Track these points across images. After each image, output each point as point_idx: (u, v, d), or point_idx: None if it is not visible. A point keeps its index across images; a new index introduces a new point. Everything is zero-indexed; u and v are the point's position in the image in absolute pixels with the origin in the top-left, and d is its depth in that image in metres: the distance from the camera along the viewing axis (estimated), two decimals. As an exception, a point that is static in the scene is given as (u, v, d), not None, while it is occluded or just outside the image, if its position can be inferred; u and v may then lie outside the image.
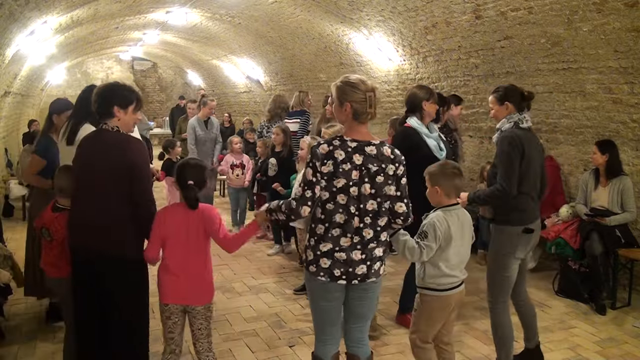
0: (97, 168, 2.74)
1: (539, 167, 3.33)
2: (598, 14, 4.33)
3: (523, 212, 3.26)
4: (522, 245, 3.27)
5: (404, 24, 6.44)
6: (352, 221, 2.50)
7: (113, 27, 10.12)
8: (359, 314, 2.68)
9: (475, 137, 6.80)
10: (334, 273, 2.53)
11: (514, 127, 3.26)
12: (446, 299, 2.86)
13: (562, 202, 5.37)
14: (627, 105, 4.72)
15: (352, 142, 2.52)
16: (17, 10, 5.06)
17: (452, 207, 2.89)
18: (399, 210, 2.57)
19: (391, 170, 2.53)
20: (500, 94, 3.34)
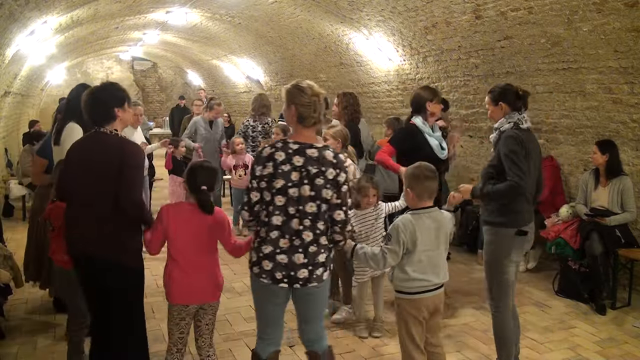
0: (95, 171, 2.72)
1: (537, 169, 3.30)
2: (598, 14, 4.33)
3: (518, 214, 3.19)
4: (517, 247, 3.24)
5: (404, 24, 6.44)
6: (291, 223, 2.52)
7: (113, 27, 10.12)
8: (307, 317, 2.71)
9: (475, 137, 6.80)
10: (275, 276, 2.55)
11: (514, 128, 3.21)
12: (418, 302, 2.82)
13: (562, 202, 5.37)
14: (627, 105, 4.72)
15: (294, 145, 2.55)
16: (17, 10, 5.06)
17: (423, 210, 2.85)
18: (337, 218, 2.57)
19: (331, 174, 2.52)
20: (494, 94, 3.31)
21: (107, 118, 2.80)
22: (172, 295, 2.83)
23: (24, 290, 4.50)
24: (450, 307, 4.62)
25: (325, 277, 2.63)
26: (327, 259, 2.62)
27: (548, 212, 5.34)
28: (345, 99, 5.41)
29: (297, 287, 2.57)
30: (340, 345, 3.88)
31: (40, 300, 4.53)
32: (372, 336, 4.00)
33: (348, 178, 2.61)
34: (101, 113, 2.80)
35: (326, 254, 2.61)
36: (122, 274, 2.74)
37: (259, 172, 2.54)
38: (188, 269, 2.80)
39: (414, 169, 2.90)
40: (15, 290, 4.33)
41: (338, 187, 2.54)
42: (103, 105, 2.80)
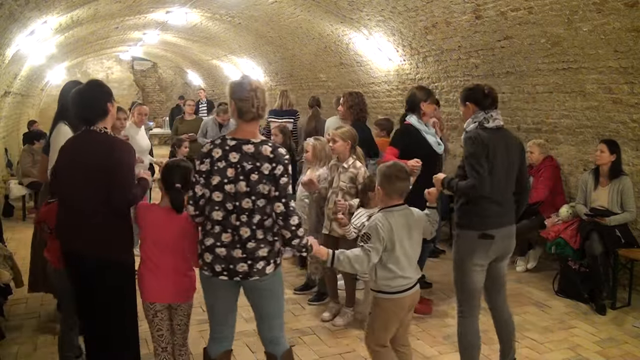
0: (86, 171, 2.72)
1: (508, 169, 3.11)
2: (598, 14, 4.33)
3: (482, 217, 3.06)
4: (480, 251, 3.07)
5: (404, 24, 6.44)
6: (230, 218, 2.54)
7: (113, 27, 10.12)
8: (261, 313, 2.71)
9: (475, 137, 6.80)
10: (215, 268, 2.57)
11: (478, 128, 3.11)
12: (400, 301, 2.82)
13: (562, 202, 5.36)
14: (627, 105, 4.73)
15: (232, 141, 2.56)
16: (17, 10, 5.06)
17: (394, 207, 2.85)
18: (277, 210, 2.55)
19: (267, 169, 2.51)
20: (462, 95, 3.26)
21: (101, 113, 2.80)
22: (142, 293, 2.88)
23: (24, 290, 4.50)
24: (450, 306, 4.62)
25: (269, 272, 2.58)
26: (269, 253, 2.58)
27: (548, 212, 5.35)
28: (351, 99, 5.40)
29: (238, 281, 2.57)
30: (340, 345, 3.88)
31: (41, 300, 4.52)
32: None
33: (288, 170, 2.58)
34: (94, 109, 2.80)
35: (268, 248, 2.57)
36: (112, 273, 2.76)
37: (198, 168, 2.59)
38: (154, 269, 2.82)
39: (386, 168, 2.89)
40: (15, 290, 4.33)
41: (276, 181, 2.53)
42: (95, 101, 2.80)
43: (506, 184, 3.12)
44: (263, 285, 2.61)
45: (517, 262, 5.71)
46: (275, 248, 2.63)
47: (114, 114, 2.90)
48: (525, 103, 5.79)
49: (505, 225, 3.12)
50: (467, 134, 3.13)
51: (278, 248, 2.64)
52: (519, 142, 3.26)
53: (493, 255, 3.12)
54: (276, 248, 2.63)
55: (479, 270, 3.11)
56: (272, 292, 2.67)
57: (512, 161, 3.14)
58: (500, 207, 3.09)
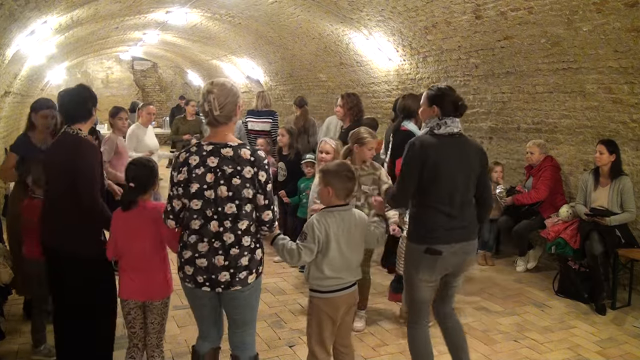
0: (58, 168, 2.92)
1: (462, 179, 2.88)
2: (598, 14, 4.33)
3: (429, 230, 2.87)
4: (426, 267, 2.88)
5: (404, 24, 6.44)
6: (209, 225, 2.48)
7: (113, 27, 10.12)
8: (235, 320, 2.69)
9: (476, 137, 6.80)
10: (197, 280, 2.53)
11: (428, 133, 2.93)
12: (333, 301, 2.79)
13: (562, 202, 5.37)
14: (627, 105, 4.73)
15: (208, 146, 2.51)
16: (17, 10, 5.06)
17: (337, 208, 2.81)
18: (265, 219, 2.55)
19: (249, 173, 2.46)
20: (431, 94, 2.98)
21: (85, 115, 3.02)
22: (118, 289, 2.93)
23: (24, 290, 4.50)
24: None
25: (251, 281, 2.56)
26: (251, 262, 2.55)
27: (548, 212, 5.35)
28: (350, 100, 5.42)
29: (219, 291, 2.54)
30: (340, 345, 3.88)
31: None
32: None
33: (270, 176, 2.56)
34: (81, 110, 3.01)
35: (249, 256, 2.54)
36: (86, 268, 2.88)
37: (175, 179, 2.52)
38: (128, 266, 2.87)
39: (336, 167, 2.85)
40: (15, 290, 4.33)
41: (262, 187, 2.50)
42: (83, 104, 3.02)
43: (459, 195, 2.88)
44: (243, 296, 2.59)
45: (517, 262, 5.72)
46: (257, 257, 2.60)
47: (94, 119, 3.14)
48: (525, 103, 5.79)
49: (459, 241, 2.88)
50: (410, 140, 2.98)
51: (260, 257, 2.63)
52: (480, 150, 3.01)
53: (442, 271, 2.94)
54: (258, 257, 2.61)
55: (426, 286, 2.95)
56: (251, 302, 2.66)
57: (468, 170, 2.92)
58: (451, 219, 2.86)
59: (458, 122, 2.94)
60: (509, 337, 4.06)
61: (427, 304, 3.03)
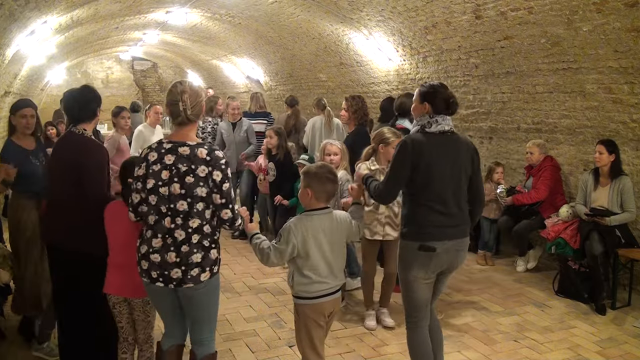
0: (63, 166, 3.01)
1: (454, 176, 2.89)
2: (598, 14, 4.32)
3: (422, 227, 2.87)
4: (420, 264, 2.89)
5: (404, 24, 6.44)
6: (163, 221, 2.53)
7: (113, 27, 10.11)
8: (192, 317, 2.72)
9: (476, 137, 6.80)
10: (151, 275, 2.58)
11: (419, 131, 2.93)
12: (319, 307, 2.76)
13: (562, 202, 5.37)
14: (627, 105, 4.73)
15: (168, 144, 2.59)
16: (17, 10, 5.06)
17: (318, 211, 2.78)
18: (224, 217, 2.58)
19: (203, 172, 2.51)
20: (423, 91, 2.98)
21: (90, 115, 3.11)
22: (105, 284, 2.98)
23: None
24: (450, 306, 4.63)
25: (204, 279, 2.57)
26: (204, 260, 2.57)
27: (548, 212, 5.35)
28: (355, 103, 5.36)
29: (172, 288, 2.57)
30: (340, 345, 3.88)
31: (40, 300, 4.52)
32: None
33: (228, 175, 2.58)
34: (85, 111, 3.09)
35: (202, 253, 2.56)
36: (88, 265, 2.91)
37: (135, 173, 2.61)
38: (113, 262, 2.92)
39: (317, 168, 2.83)
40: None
41: (218, 186, 2.53)
42: (87, 104, 3.11)
43: (451, 192, 2.88)
44: (197, 294, 2.60)
45: (517, 262, 5.72)
46: (212, 256, 2.61)
47: (98, 119, 3.21)
48: (525, 103, 5.79)
49: (451, 238, 2.89)
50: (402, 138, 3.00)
51: (216, 257, 2.64)
52: (471, 148, 3.00)
53: (436, 269, 2.94)
54: (213, 256, 2.62)
55: (423, 284, 2.95)
56: (206, 301, 2.67)
57: (460, 168, 2.91)
58: (444, 217, 2.87)
59: (449, 120, 2.94)
60: (509, 337, 4.06)
61: (425, 304, 3.01)
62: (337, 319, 4.29)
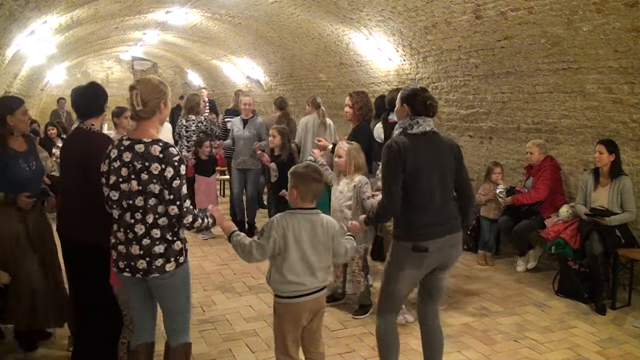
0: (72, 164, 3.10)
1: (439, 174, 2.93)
2: (598, 14, 4.33)
3: (413, 228, 2.89)
4: (413, 264, 2.92)
5: (404, 24, 6.44)
6: (125, 216, 2.63)
7: (113, 27, 10.12)
8: (163, 307, 2.80)
9: (476, 137, 6.80)
10: (119, 265, 2.67)
11: (401, 133, 2.97)
12: (294, 307, 2.74)
13: (562, 202, 5.36)
14: (627, 105, 4.72)
15: (127, 141, 2.65)
16: (17, 10, 5.06)
17: (303, 210, 2.78)
18: (171, 213, 2.60)
19: (156, 169, 2.55)
20: (404, 94, 3.04)
21: (98, 110, 3.19)
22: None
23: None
24: (450, 306, 4.63)
25: (169, 269, 2.63)
26: (167, 251, 2.62)
27: (548, 212, 5.35)
28: (360, 99, 5.31)
29: (139, 278, 2.63)
30: (340, 345, 3.88)
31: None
32: None
33: (180, 172, 2.59)
34: (95, 106, 3.18)
35: (164, 245, 2.62)
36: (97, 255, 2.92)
37: (101, 169, 2.71)
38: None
39: (302, 168, 2.85)
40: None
41: (168, 183, 2.57)
42: (95, 99, 3.20)
43: (438, 191, 2.92)
44: (165, 283, 2.66)
45: (517, 262, 5.72)
46: (176, 247, 2.66)
47: (105, 114, 3.27)
48: (525, 103, 5.79)
49: (443, 235, 2.92)
50: (387, 142, 2.99)
51: (181, 247, 2.68)
52: (453, 145, 3.05)
53: (428, 267, 2.98)
54: (177, 247, 2.66)
55: (409, 281, 2.99)
56: (175, 290, 2.72)
57: (444, 165, 2.96)
58: (434, 215, 2.90)
59: (430, 121, 2.98)
60: (509, 337, 4.06)
61: (402, 299, 3.06)
62: (338, 319, 4.30)
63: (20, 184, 3.36)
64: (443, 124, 7.09)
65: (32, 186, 3.42)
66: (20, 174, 3.36)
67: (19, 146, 3.45)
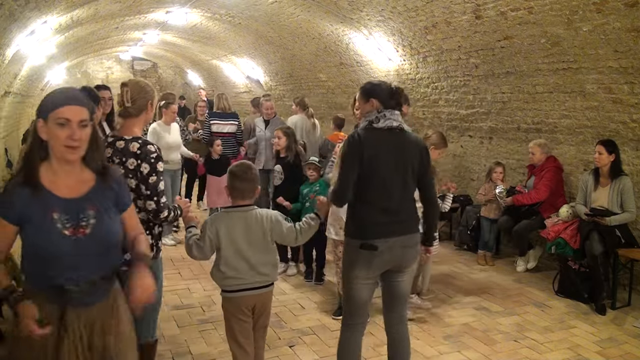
0: None
1: (400, 174, 2.82)
2: (598, 14, 4.32)
3: (364, 224, 2.81)
4: (362, 263, 2.81)
5: (404, 24, 6.44)
6: None
7: (113, 27, 10.12)
8: None
9: (476, 137, 6.80)
10: None
11: (366, 127, 2.86)
12: (235, 301, 2.82)
13: (563, 202, 5.37)
14: (627, 105, 4.73)
15: (110, 138, 2.78)
16: (17, 10, 5.06)
17: (236, 208, 2.85)
18: (148, 208, 2.69)
19: (132, 164, 2.65)
20: (366, 89, 2.97)
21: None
22: None
23: (24, 290, 4.49)
24: (450, 306, 4.63)
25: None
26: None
27: (548, 212, 5.35)
28: None
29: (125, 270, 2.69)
30: (340, 345, 3.88)
31: (41, 300, 4.52)
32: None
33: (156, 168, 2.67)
34: None
35: None
36: None
37: None
38: None
39: (234, 167, 2.93)
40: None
41: (144, 179, 2.65)
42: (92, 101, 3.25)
43: (397, 189, 2.81)
44: None
45: (517, 262, 5.72)
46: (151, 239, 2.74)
47: (98, 116, 3.45)
48: (525, 103, 5.79)
49: (395, 235, 2.80)
50: (349, 134, 2.93)
51: (151, 242, 2.74)
52: (421, 146, 2.92)
53: (380, 268, 2.85)
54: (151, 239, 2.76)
55: (363, 284, 2.86)
56: None
57: (406, 164, 2.84)
58: (387, 215, 2.80)
59: (398, 116, 2.88)
60: (509, 337, 4.06)
61: (363, 305, 2.93)
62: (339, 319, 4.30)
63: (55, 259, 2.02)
64: (443, 124, 7.10)
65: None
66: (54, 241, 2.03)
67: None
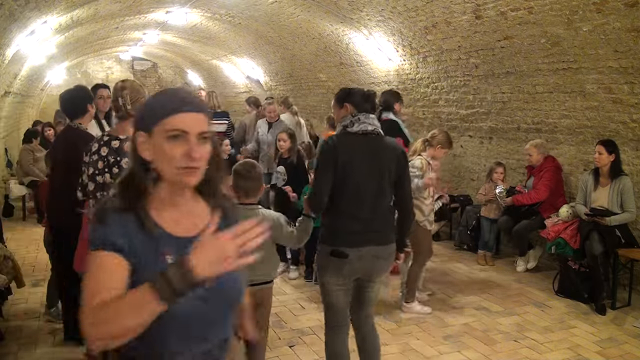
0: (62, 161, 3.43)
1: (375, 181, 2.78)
2: (598, 14, 4.32)
3: (335, 232, 2.80)
4: (333, 269, 2.79)
5: (404, 24, 6.44)
6: None
7: (113, 27, 10.11)
8: None
9: (476, 137, 6.80)
10: None
11: (341, 132, 2.84)
12: None
13: (563, 202, 5.36)
14: (627, 105, 4.72)
15: (106, 137, 2.91)
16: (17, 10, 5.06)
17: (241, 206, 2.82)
18: None
19: (126, 163, 2.73)
20: (339, 95, 2.95)
21: (83, 111, 3.55)
22: None
23: (24, 291, 4.50)
24: (450, 306, 4.63)
25: None
26: None
27: (548, 213, 5.35)
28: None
29: None
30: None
31: (41, 300, 4.52)
32: None
33: None
34: (80, 107, 3.54)
35: None
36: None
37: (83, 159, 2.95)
38: None
39: (238, 165, 2.96)
40: (15, 290, 4.32)
41: None
42: (79, 101, 3.57)
43: (371, 197, 2.77)
44: None
45: (517, 262, 5.72)
46: None
47: (92, 113, 3.66)
48: (525, 103, 5.78)
49: (367, 245, 2.76)
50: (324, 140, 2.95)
51: None
52: (398, 152, 2.87)
53: (350, 275, 2.83)
54: None
55: (337, 290, 2.85)
56: None
57: (381, 170, 2.79)
58: (359, 223, 2.76)
59: (373, 119, 2.85)
60: (509, 337, 4.06)
61: (342, 310, 2.92)
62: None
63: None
64: (443, 124, 7.09)
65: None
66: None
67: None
